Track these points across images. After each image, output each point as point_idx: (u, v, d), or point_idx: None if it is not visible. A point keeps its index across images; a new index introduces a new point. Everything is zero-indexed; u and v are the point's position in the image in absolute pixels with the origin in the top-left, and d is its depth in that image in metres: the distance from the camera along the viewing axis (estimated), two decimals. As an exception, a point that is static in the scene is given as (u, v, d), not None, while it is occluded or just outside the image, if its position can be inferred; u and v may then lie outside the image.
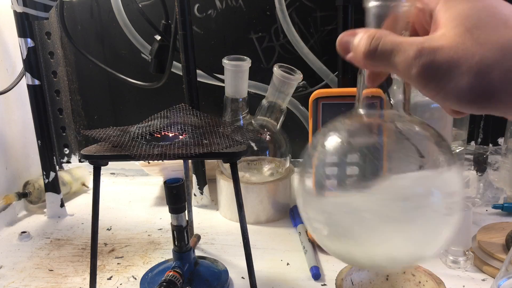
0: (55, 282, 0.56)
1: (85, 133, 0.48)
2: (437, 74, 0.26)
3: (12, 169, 0.78)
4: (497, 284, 0.37)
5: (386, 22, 0.31)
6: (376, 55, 0.29)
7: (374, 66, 0.32)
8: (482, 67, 0.25)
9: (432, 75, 0.26)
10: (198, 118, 0.53)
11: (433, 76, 0.26)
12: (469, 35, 0.26)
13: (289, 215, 0.72)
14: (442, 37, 0.27)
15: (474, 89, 0.25)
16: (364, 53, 0.30)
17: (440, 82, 0.26)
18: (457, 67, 0.26)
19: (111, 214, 0.77)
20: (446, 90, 0.26)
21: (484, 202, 0.71)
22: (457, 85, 0.26)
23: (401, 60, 0.28)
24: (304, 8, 0.84)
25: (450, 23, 0.27)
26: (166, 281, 0.46)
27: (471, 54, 0.25)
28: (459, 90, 0.26)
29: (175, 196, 0.49)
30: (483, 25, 0.26)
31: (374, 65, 0.30)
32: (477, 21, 0.26)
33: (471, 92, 0.26)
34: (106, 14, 0.88)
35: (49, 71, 0.93)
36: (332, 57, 0.84)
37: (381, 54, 0.29)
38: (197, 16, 0.86)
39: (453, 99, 0.27)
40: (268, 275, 0.56)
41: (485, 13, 0.26)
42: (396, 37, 0.29)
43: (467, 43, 0.26)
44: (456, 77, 0.26)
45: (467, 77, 0.25)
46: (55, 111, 0.95)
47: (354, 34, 0.31)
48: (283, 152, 0.73)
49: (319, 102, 0.58)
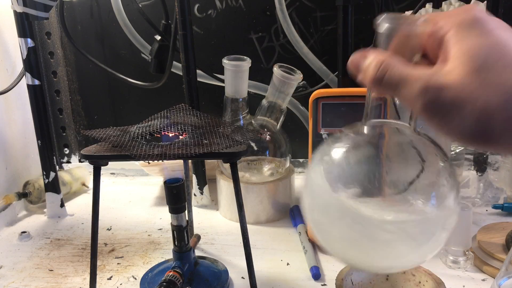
0: (55, 282, 0.56)
1: (85, 133, 0.48)
2: (441, 111, 0.27)
3: (12, 169, 0.78)
4: (497, 283, 0.37)
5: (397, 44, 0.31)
6: (382, 84, 0.29)
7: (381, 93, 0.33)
8: (485, 112, 0.25)
9: (436, 111, 0.27)
10: (198, 118, 0.53)
11: (437, 112, 0.27)
12: (475, 76, 0.26)
13: (289, 215, 0.72)
14: (449, 74, 0.27)
15: (476, 130, 0.26)
16: (372, 79, 0.30)
17: (443, 119, 0.27)
18: (461, 108, 0.26)
19: (111, 214, 0.77)
20: (448, 127, 0.27)
21: (484, 202, 0.71)
22: (460, 125, 0.26)
23: (406, 93, 0.28)
24: (304, 8, 0.84)
25: (458, 58, 0.27)
26: (166, 281, 0.46)
27: (476, 96, 0.26)
28: (462, 129, 0.26)
29: (175, 196, 0.49)
30: (490, 65, 0.26)
31: (380, 92, 0.31)
32: (485, 61, 0.26)
33: (473, 132, 0.26)
34: (106, 14, 0.88)
35: (49, 71, 0.93)
36: (332, 57, 0.84)
37: (388, 84, 0.29)
38: (197, 16, 0.86)
39: (455, 137, 0.27)
40: (268, 275, 0.56)
41: (493, 52, 0.26)
42: (403, 67, 0.29)
43: (473, 84, 0.26)
44: (459, 117, 0.26)
45: (469, 119, 0.26)
46: (55, 111, 0.95)
47: (365, 56, 0.31)
48: (283, 152, 0.73)
49: (319, 102, 0.58)
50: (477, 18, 0.28)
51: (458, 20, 0.28)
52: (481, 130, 0.26)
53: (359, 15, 0.82)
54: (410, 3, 0.80)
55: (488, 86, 0.26)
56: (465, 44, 0.27)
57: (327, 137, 0.59)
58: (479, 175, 0.71)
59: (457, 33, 0.28)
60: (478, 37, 0.27)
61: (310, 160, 0.60)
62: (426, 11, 0.71)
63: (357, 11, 0.81)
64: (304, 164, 0.91)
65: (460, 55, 0.27)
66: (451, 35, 0.29)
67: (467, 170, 0.75)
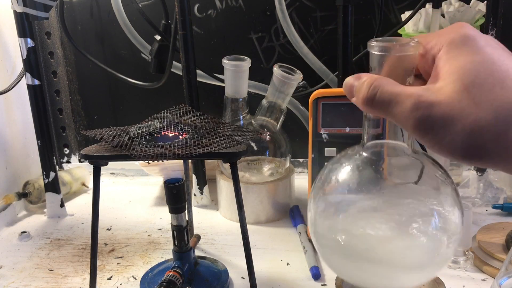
0: (55, 282, 0.56)
1: (85, 133, 0.48)
2: (433, 128, 0.27)
3: (12, 169, 0.78)
4: (498, 282, 0.37)
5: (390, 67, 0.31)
6: (374, 104, 0.30)
7: (373, 113, 0.33)
8: (476, 128, 0.26)
9: (427, 128, 0.27)
10: (198, 118, 0.53)
11: (429, 129, 0.27)
12: (466, 94, 0.26)
13: (289, 215, 0.72)
14: (440, 91, 0.27)
15: (467, 147, 0.26)
16: (363, 100, 0.30)
17: (436, 137, 0.27)
18: (452, 125, 0.26)
19: (111, 214, 0.77)
20: (440, 145, 0.27)
21: (484, 202, 0.71)
22: (452, 141, 0.27)
23: (398, 111, 0.28)
24: (304, 8, 0.84)
25: (449, 76, 0.27)
26: (166, 281, 0.46)
27: (466, 113, 0.26)
28: (453, 146, 0.27)
29: (175, 196, 0.49)
30: (480, 83, 0.26)
31: (372, 112, 0.32)
32: (475, 78, 0.26)
33: (464, 150, 0.26)
34: (106, 14, 0.88)
35: (49, 71, 0.93)
36: (332, 57, 0.84)
37: (379, 103, 0.29)
38: (197, 16, 0.86)
39: (447, 153, 0.27)
40: (268, 275, 0.56)
41: (483, 69, 0.26)
42: (394, 86, 0.29)
43: (463, 101, 0.26)
44: (451, 134, 0.26)
45: (461, 136, 0.26)
46: (55, 111, 0.95)
47: (358, 78, 0.32)
48: (283, 152, 0.73)
49: (319, 102, 0.59)
50: (467, 36, 0.28)
51: (449, 39, 0.29)
52: (473, 147, 0.26)
53: (359, 15, 0.82)
54: (410, 3, 0.80)
55: (478, 103, 0.26)
56: (455, 62, 0.28)
57: (327, 137, 0.59)
58: (479, 175, 0.71)
59: (448, 51, 0.29)
60: (469, 54, 0.27)
61: (310, 159, 0.60)
62: (426, 11, 0.71)
63: (357, 11, 0.81)
64: (304, 164, 0.91)
65: (451, 73, 0.27)
66: (442, 53, 0.29)
67: (467, 170, 0.75)
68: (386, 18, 0.81)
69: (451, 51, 0.28)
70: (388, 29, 0.76)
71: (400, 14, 0.80)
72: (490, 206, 0.69)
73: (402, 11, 0.79)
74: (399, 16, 0.80)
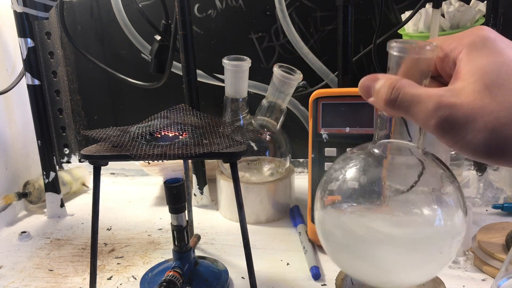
0: (55, 282, 0.56)
1: (85, 133, 0.48)
2: (454, 127, 0.27)
3: (12, 169, 0.78)
4: (497, 284, 0.37)
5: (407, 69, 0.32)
6: (396, 105, 0.30)
7: (394, 114, 0.33)
8: (498, 125, 0.26)
9: (449, 127, 0.27)
10: (198, 118, 0.53)
11: (451, 128, 0.27)
12: (487, 93, 0.26)
13: (289, 215, 0.72)
14: (461, 92, 0.28)
15: (489, 144, 0.26)
16: (385, 101, 0.31)
17: (457, 135, 0.27)
18: (474, 123, 0.26)
19: (111, 214, 0.77)
20: (462, 143, 0.27)
21: (484, 202, 0.71)
22: (473, 139, 0.27)
23: (420, 111, 0.29)
24: (304, 8, 0.84)
25: (470, 77, 0.28)
26: (166, 281, 0.46)
27: (488, 111, 0.26)
28: (475, 144, 0.27)
29: (175, 196, 0.49)
30: (501, 83, 0.26)
31: (394, 113, 0.32)
32: (496, 78, 0.27)
33: (486, 147, 0.27)
34: (106, 14, 0.88)
35: (49, 71, 0.93)
36: (332, 57, 0.84)
37: (401, 104, 0.30)
38: (197, 16, 0.86)
39: (469, 152, 0.28)
40: (268, 275, 0.56)
41: (504, 70, 0.27)
42: (415, 88, 0.30)
43: (485, 100, 0.26)
44: (473, 132, 0.27)
45: (483, 133, 0.26)
46: (55, 111, 0.95)
47: (375, 79, 0.32)
48: (283, 152, 0.73)
49: (319, 102, 0.59)
50: (487, 38, 0.28)
51: (469, 41, 0.29)
52: (494, 145, 0.26)
53: (359, 15, 0.82)
54: (410, 3, 0.80)
55: (500, 102, 0.26)
56: (476, 63, 0.28)
57: (327, 137, 0.59)
58: (479, 175, 0.71)
59: (468, 53, 0.29)
60: (489, 56, 0.28)
61: (310, 159, 0.60)
62: (426, 11, 0.71)
63: (357, 11, 0.81)
64: (304, 164, 0.91)
65: (472, 74, 0.28)
66: (462, 55, 0.29)
67: (467, 170, 0.75)
68: (386, 18, 0.81)
69: (472, 53, 0.29)
70: (388, 29, 0.76)
71: (400, 14, 0.80)
72: (490, 206, 0.69)
73: (402, 11, 0.79)
74: (399, 16, 0.80)
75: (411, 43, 0.32)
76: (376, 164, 0.37)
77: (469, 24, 0.70)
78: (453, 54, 0.30)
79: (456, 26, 0.70)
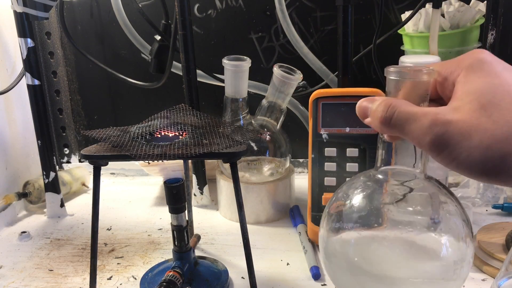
0: (55, 282, 0.56)
1: (85, 133, 0.48)
2: (450, 144, 0.27)
3: (12, 169, 0.78)
4: (497, 284, 0.37)
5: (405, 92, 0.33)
6: (391, 123, 0.31)
7: (389, 132, 0.33)
8: (493, 142, 0.26)
9: (445, 144, 0.27)
10: (198, 118, 0.53)
11: (446, 146, 0.27)
12: (483, 111, 0.27)
13: (289, 215, 0.72)
14: (457, 110, 0.28)
15: (484, 162, 0.26)
16: (381, 119, 0.31)
17: (452, 152, 0.27)
18: (469, 140, 0.27)
19: (111, 214, 0.77)
20: (458, 161, 0.27)
21: (484, 202, 0.71)
22: (469, 157, 0.27)
23: (415, 128, 0.29)
24: (304, 8, 0.84)
25: (466, 97, 0.28)
26: (166, 281, 0.46)
27: (484, 129, 0.26)
28: (470, 162, 0.27)
29: (175, 196, 0.49)
30: (497, 102, 0.27)
31: (389, 131, 0.32)
32: (492, 98, 0.27)
33: (481, 165, 0.27)
34: (106, 14, 0.88)
35: (49, 71, 0.93)
36: (332, 57, 0.84)
37: (397, 122, 0.30)
38: (197, 16, 0.86)
39: (465, 170, 0.28)
40: (268, 275, 0.56)
41: (500, 90, 0.27)
42: (411, 106, 0.30)
43: (480, 118, 0.27)
44: (468, 149, 0.27)
45: (478, 150, 0.26)
46: (55, 111, 0.95)
47: (372, 101, 0.33)
48: (283, 152, 0.73)
49: (319, 102, 0.58)
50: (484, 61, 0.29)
51: (467, 64, 0.30)
52: (490, 162, 0.26)
53: (359, 15, 0.82)
54: (410, 3, 0.80)
55: (495, 120, 0.26)
56: (473, 84, 0.28)
57: (327, 137, 0.59)
58: (479, 175, 0.71)
59: (466, 75, 0.29)
60: (486, 78, 0.28)
61: (310, 159, 0.60)
62: (426, 11, 0.71)
63: (357, 11, 0.81)
64: (304, 164, 0.91)
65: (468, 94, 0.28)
66: (460, 77, 0.30)
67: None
68: (386, 18, 0.81)
69: (469, 75, 0.29)
70: (388, 29, 0.76)
71: (400, 14, 0.80)
72: (490, 206, 0.69)
73: (402, 11, 0.79)
74: (399, 16, 0.80)
75: (407, 67, 0.33)
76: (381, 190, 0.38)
77: (469, 24, 0.70)
78: (452, 77, 0.31)
79: (456, 26, 0.70)
